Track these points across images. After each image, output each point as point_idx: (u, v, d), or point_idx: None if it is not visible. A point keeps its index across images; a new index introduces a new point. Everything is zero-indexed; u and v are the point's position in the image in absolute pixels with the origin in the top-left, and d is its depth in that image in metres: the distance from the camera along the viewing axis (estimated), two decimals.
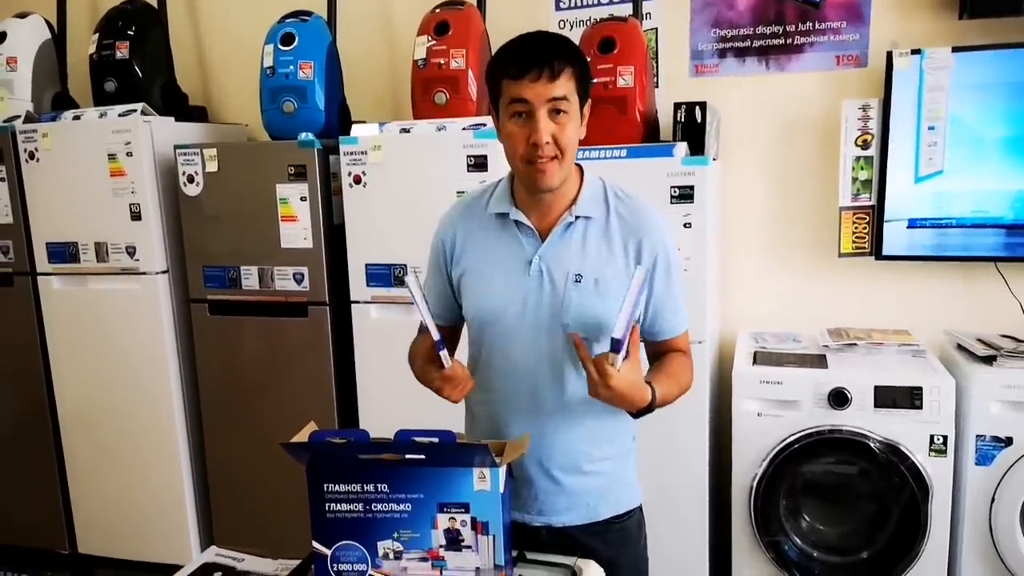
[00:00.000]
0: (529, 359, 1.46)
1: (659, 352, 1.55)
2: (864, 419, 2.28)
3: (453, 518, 1.24)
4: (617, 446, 1.54)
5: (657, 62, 2.89)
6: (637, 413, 1.40)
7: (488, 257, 1.50)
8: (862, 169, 2.64)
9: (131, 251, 2.87)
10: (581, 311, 1.43)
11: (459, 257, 1.54)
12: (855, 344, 2.52)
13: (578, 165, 1.50)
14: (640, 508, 1.61)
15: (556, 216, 1.46)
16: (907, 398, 2.26)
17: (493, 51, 1.42)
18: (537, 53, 1.35)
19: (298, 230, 2.70)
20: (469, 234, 1.53)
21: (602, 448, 1.51)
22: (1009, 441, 2.25)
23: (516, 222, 1.48)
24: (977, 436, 2.27)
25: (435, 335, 1.36)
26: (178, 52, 3.24)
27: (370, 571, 1.27)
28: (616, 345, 1.28)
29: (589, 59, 2.46)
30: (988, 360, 2.31)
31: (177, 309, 2.92)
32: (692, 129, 2.49)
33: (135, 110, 2.82)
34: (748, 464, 2.39)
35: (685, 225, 2.36)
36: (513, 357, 1.47)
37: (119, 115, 2.82)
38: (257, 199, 2.72)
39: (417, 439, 1.21)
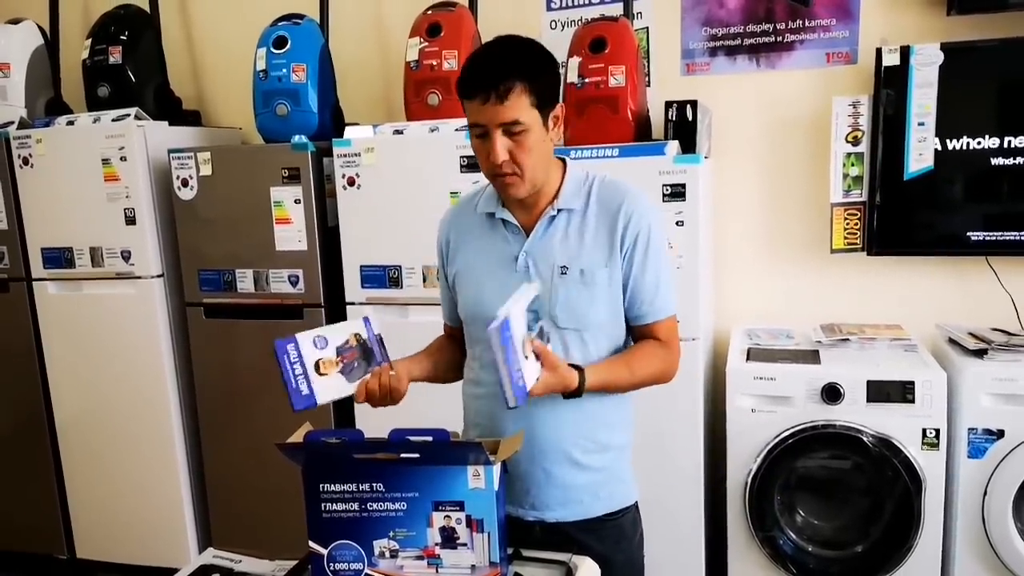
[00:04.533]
0: None
1: (638, 337, 1.53)
2: (857, 414, 2.30)
3: (448, 516, 1.25)
4: (610, 440, 1.55)
5: (648, 61, 2.90)
6: (567, 395, 1.40)
7: (478, 256, 1.53)
8: (853, 165, 2.65)
9: (126, 256, 2.87)
10: (568, 302, 1.45)
11: (453, 257, 1.58)
12: (848, 339, 2.54)
13: (562, 159, 1.53)
14: (635, 506, 1.61)
15: (540, 212, 1.49)
16: (899, 392, 2.27)
17: None
18: (484, 75, 1.36)
19: (292, 232, 2.71)
20: (461, 235, 1.57)
21: (594, 441, 1.52)
22: (1001, 434, 2.26)
23: (503, 221, 1.51)
24: (969, 429, 2.28)
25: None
26: (171, 56, 3.24)
27: (366, 570, 1.28)
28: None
29: (580, 59, 2.50)
30: (979, 353, 2.33)
31: (173, 313, 2.93)
32: (684, 128, 2.50)
33: (129, 115, 2.82)
34: (743, 460, 2.40)
35: (677, 223, 2.37)
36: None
37: (113, 120, 2.83)
38: (251, 202, 2.73)
39: (411, 438, 1.22)
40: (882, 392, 2.28)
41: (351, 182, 2.62)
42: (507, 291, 1.47)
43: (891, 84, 2.54)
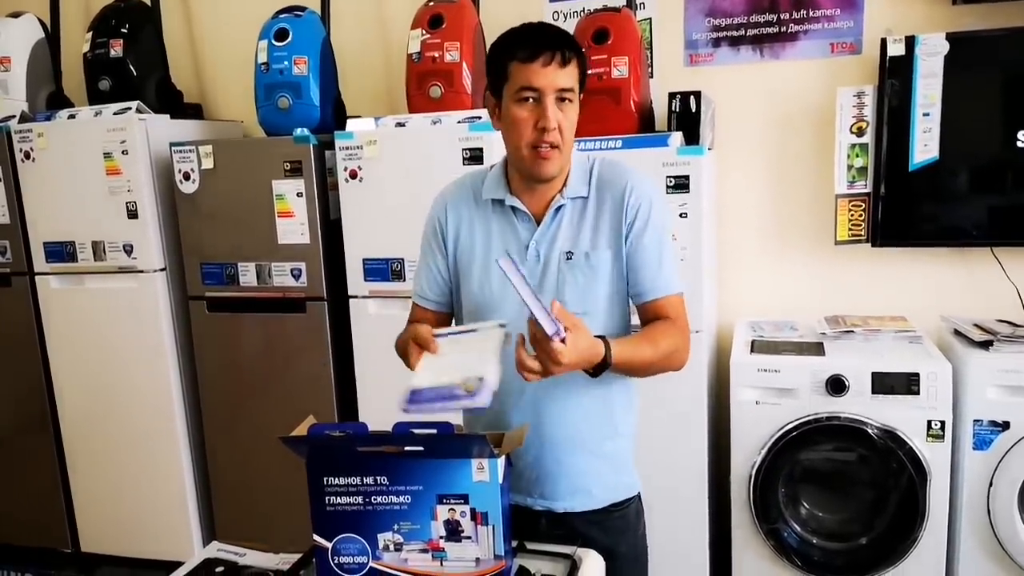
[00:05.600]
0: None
1: (647, 319, 1.49)
2: (862, 406, 2.29)
3: (452, 509, 1.25)
4: (617, 428, 1.54)
5: (651, 52, 2.88)
6: (595, 371, 1.35)
7: (485, 244, 1.51)
8: (857, 156, 2.64)
9: (128, 249, 2.87)
10: (576, 287, 1.45)
11: (453, 242, 1.55)
12: (852, 331, 2.53)
13: None
14: (639, 496, 1.61)
15: (549, 199, 1.48)
16: (904, 384, 2.27)
17: (487, 44, 1.44)
18: (549, 39, 1.37)
19: (295, 226, 2.70)
20: (462, 220, 1.54)
21: (602, 429, 1.52)
22: (1006, 425, 2.26)
23: (512, 208, 1.49)
24: (974, 421, 2.27)
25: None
26: (172, 49, 3.23)
27: (371, 563, 1.28)
28: (553, 336, 1.22)
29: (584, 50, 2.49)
30: (985, 345, 2.32)
31: (175, 307, 2.93)
32: (687, 119, 2.49)
33: (130, 108, 2.81)
34: (747, 452, 2.40)
35: (681, 215, 2.37)
36: (513, 341, 1.48)
37: (114, 113, 2.82)
38: (253, 195, 2.72)
39: (415, 431, 1.21)
40: (887, 384, 2.28)
41: (353, 175, 2.61)
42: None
43: (896, 74, 2.53)
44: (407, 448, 1.23)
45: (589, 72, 2.44)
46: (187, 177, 2.79)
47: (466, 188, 1.57)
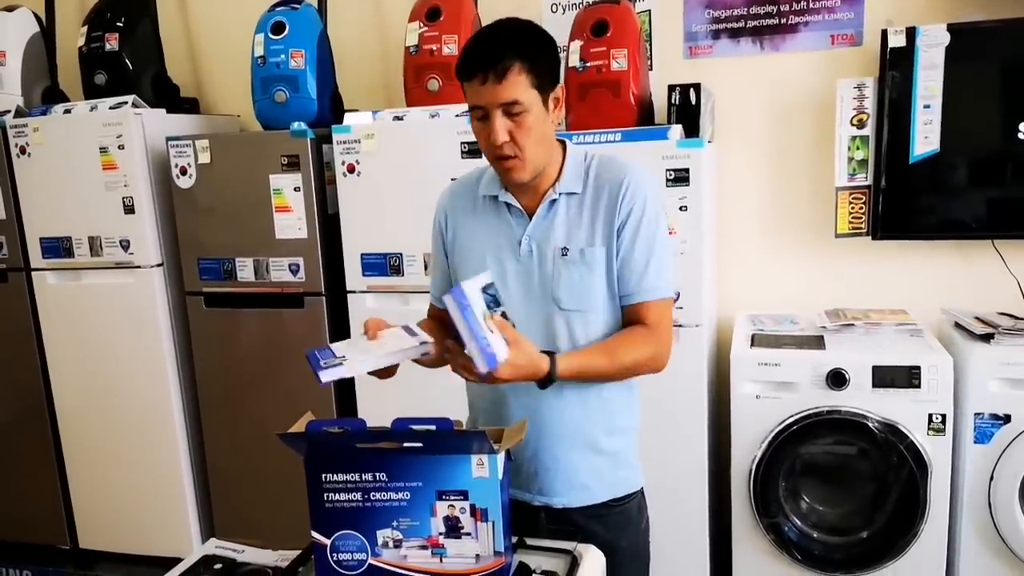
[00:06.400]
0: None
1: (627, 321, 1.48)
2: (862, 399, 2.28)
3: (452, 505, 1.24)
4: (617, 425, 1.54)
5: (651, 44, 2.86)
6: (541, 384, 1.38)
7: (479, 239, 1.52)
8: (858, 149, 2.62)
9: (125, 245, 2.85)
10: (570, 284, 1.45)
11: (452, 238, 1.57)
12: (853, 325, 2.52)
13: (562, 141, 1.51)
14: (641, 492, 1.61)
15: (542, 194, 1.48)
16: (905, 377, 2.26)
17: None
18: (482, 55, 1.34)
19: (292, 220, 2.69)
20: (460, 217, 1.55)
21: (601, 426, 1.51)
22: (1007, 418, 2.25)
23: (506, 204, 1.49)
24: (975, 414, 2.27)
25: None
26: (168, 43, 3.21)
27: (370, 560, 1.27)
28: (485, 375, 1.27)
29: (581, 42, 2.47)
30: (986, 338, 2.31)
31: (173, 302, 2.91)
32: (687, 111, 2.48)
33: (126, 102, 2.80)
34: (747, 446, 2.39)
35: (681, 208, 2.35)
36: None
37: (110, 108, 2.80)
38: (251, 190, 2.70)
39: (414, 427, 1.21)
40: (888, 377, 2.27)
41: (351, 169, 2.59)
42: (511, 274, 1.47)
43: (897, 66, 2.51)
44: (406, 444, 1.23)
45: (588, 64, 2.46)
46: (184, 172, 2.77)
47: (467, 186, 1.58)
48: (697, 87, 2.47)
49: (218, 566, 1.45)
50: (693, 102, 2.47)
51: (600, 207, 1.46)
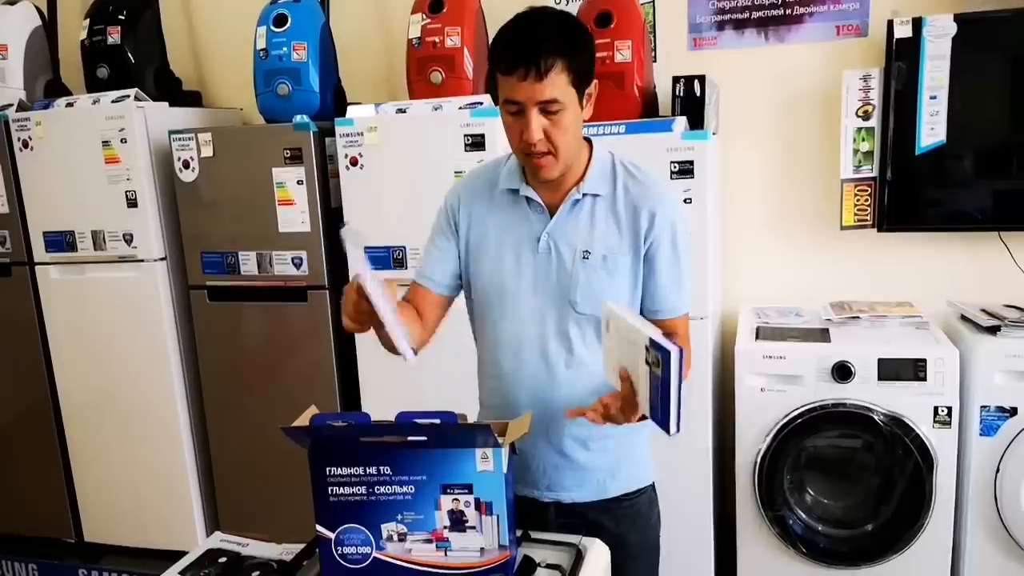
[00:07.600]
0: (537, 336, 1.46)
1: None
2: (868, 392, 2.28)
3: (456, 499, 1.24)
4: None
5: (655, 36, 2.85)
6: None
7: (498, 233, 1.49)
8: (863, 140, 2.61)
9: (128, 239, 2.85)
10: (589, 288, 1.43)
11: (467, 228, 1.53)
12: (858, 317, 2.51)
13: (588, 140, 1.49)
14: (652, 486, 1.61)
15: (565, 192, 1.46)
16: (911, 370, 2.25)
17: (489, 28, 1.40)
18: (525, 48, 1.30)
19: (295, 214, 2.69)
20: (476, 208, 1.52)
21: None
22: (1014, 411, 2.24)
23: (527, 199, 1.47)
24: (982, 407, 2.26)
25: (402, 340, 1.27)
26: (170, 36, 3.20)
27: (374, 553, 1.27)
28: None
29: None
30: (992, 330, 2.30)
31: (176, 296, 2.91)
32: (691, 103, 2.46)
33: (128, 96, 2.79)
34: (752, 439, 2.39)
35: (685, 200, 2.34)
36: (521, 334, 1.47)
37: (112, 101, 2.79)
38: (253, 183, 2.70)
39: (419, 421, 1.20)
40: (893, 370, 2.26)
41: (354, 162, 2.58)
42: (528, 271, 1.45)
43: (903, 57, 2.50)
44: (410, 438, 1.22)
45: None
46: (187, 165, 2.77)
47: (484, 177, 1.55)
48: (701, 79, 2.46)
49: (223, 559, 1.45)
50: (697, 94, 2.46)
51: (628, 220, 1.44)
